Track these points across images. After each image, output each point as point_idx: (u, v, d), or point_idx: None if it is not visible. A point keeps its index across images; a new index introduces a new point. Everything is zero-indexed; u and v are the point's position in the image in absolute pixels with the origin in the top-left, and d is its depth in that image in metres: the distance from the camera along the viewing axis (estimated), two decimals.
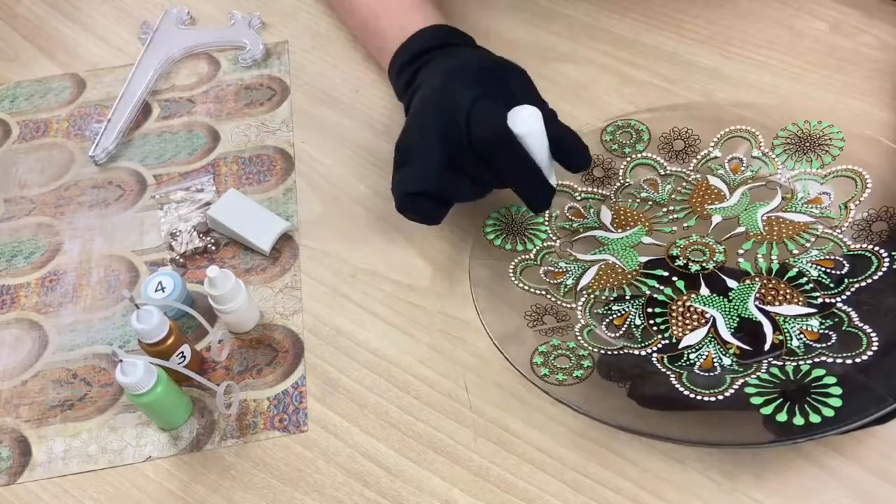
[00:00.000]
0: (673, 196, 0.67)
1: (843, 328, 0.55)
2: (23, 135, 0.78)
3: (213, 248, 0.69)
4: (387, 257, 0.67)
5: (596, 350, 0.57)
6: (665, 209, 0.66)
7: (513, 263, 0.63)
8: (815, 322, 0.56)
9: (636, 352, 0.57)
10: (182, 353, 0.60)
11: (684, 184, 0.67)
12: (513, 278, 0.62)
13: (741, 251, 0.62)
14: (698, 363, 0.55)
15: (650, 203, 0.67)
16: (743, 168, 0.67)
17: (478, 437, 0.57)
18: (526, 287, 0.61)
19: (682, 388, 0.53)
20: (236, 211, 0.68)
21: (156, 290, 0.63)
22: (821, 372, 0.52)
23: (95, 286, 0.68)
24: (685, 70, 0.75)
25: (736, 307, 0.58)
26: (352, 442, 0.58)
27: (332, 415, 0.59)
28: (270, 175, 0.73)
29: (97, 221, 0.71)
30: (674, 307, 0.59)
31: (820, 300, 0.57)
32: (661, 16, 0.80)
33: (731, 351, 0.56)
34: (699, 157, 0.68)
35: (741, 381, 0.53)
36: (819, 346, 0.54)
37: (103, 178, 0.74)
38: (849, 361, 0.52)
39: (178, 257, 0.68)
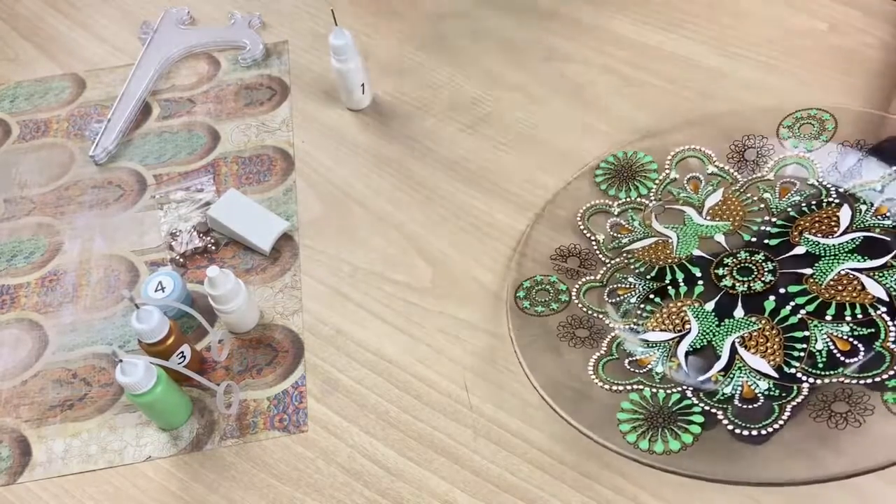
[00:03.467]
0: (788, 209, 0.63)
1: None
2: (23, 135, 0.78)
3: (213, 248, 0.68)
4: (387, 257, 0.67)
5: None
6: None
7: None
8: (763, 384, 0.54)
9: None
10: (182, 353, 0.60)
11: (814, 202, 0.63)
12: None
13: (783, 291, 0.58)
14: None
15: (762, 206, 0.64)
16: (888, 215, 0.61)
17: (478, 437, 0.57)
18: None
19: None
20: (236, 211, 0.68)
21: (156, 290, 0.63)
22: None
23: (95, 286, 0.68)
24: (685, 70, 0.75)
25: (714, 335, 0.57)
26: (352, 442, 0.58)
27: (332, 415, 0.59)
28: (270, 175, 0.73)
29: (97, 221, 0.71)
30: (671, 305, 0.59)
31: (794, 370, 0.54)
32: (661, 16, 0.80)
33: (670, 364, 0.56)
34: (772, 161, 0.66)
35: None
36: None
37: (103, 178, 0.74)
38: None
39: (178, 257, 0.68)
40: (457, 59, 0.79)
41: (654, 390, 0.55)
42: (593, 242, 0.65)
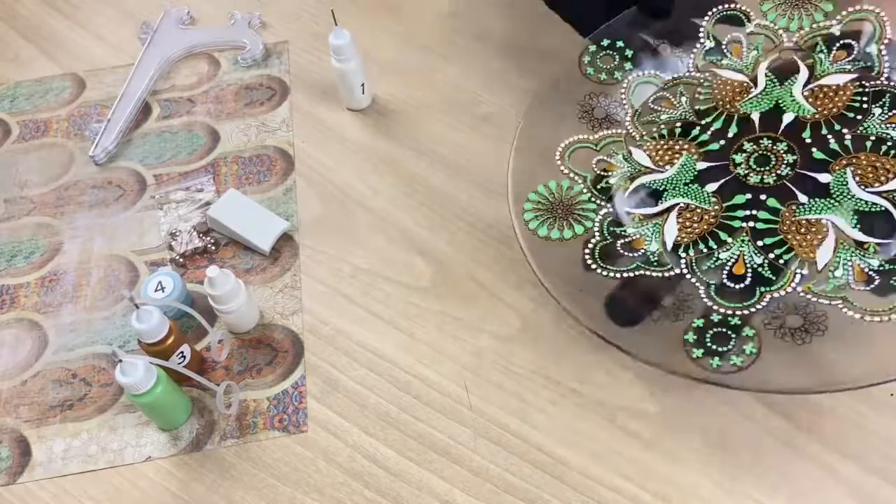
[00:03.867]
0: (696, 107, 0.60)
1: None
2: (23, 135, 0.78)
3: (213, 248, 0.69)
4: (387, 257, 0.67)
5: (742, 311, 0.50)
6: (698, 125, 0.59)
7: (587, 251, 0.55)
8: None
9: (780, 293, 0.51)
10: (182, 353, 0.60)
11: (698, 88, 0.60)
12: (596, 268, 0.54)
13: (808, 140, 0.55)
14: (851, 278, 0.50)
15: (679, 124, 0.60)
16: (746, 48, 0.60)
17: (478, 437, 0.57)
18: (618, 274, 0.53)
19: (860, 315, 0.48)
20: (236, 211, 0.68)
21: (156, 290, 0.63)
22: None
23: (95, 286, 0.68)
24: None
25: (843, 202, 0.52)
26: (352, 442, 0.58)
27: (332, 415, 0.59)
28: (270, 175, 0.73)
29: (97, 221, 0.71)
30: (784, 228, 0.53)
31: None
32: None
33: (871, 249, 0.51)
34: (693, 53, 0.61)
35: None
36: None
37: (103, 178, 0.74)
38: None
39: (178, 257, 0.68)
40: (457, 59, 0.79)
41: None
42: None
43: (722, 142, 0.58)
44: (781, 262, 0.52)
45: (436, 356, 0.61)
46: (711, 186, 0.56)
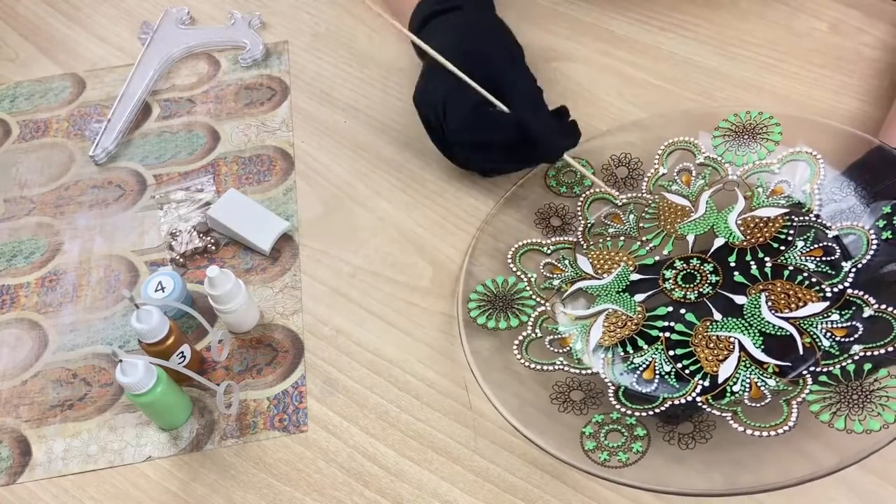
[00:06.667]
0: (640, 224, 0.65)
1: (864, 315, 0.54)
2: (23, 135, 0.78)
3: (213, 248, 0.68)
4: (387, 257, 0.67)
5: (641, 412, 0.54)
6: (639, 241, 0.64)
7: (516, 343, 0.59)
8: (835, 316, 0.54)
9: (680, 401, 0.54)
10: (182, 353, 0.60)
11: (646, 209, 0.65)
12: (521, 359, 0.58)
13: (732, 264, 0.60)
14: (746, 394, 0.53)
15: (622, 238, 0.64)
16: (694, 177, 0.65)
17: (478, 437, 0.57)
18: (539, 366, 0.58)
19: (745, 429, 0.51)
20: (236, 211, 0.68)
21: (156, 290, 0.63)
22: (869, 366, 0.51)
23: (95, 286, 0.68)
24: (685, 70, 0.75)
25: (753, 323, 0.56)
26: (352, 442, 0.58)
27: (332, 415, 0.59)
28: (270, 175, 0.73)
29: (97, 221, 0.71)
30: (696, 342, 0.56)
31: (829, 292, 0.56)
32: (661, 16, 0.80)
33: (769, 370, 0.54)
34: (647, 178, 0.67)
35: (799, 400, 0.51)
36: (850, 340, 0.53)
37: (103, 178, 0.74)
38: (891, 349, 0.51)
39: (178, 257, 0.68)
40: None
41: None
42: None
43: (657, 258, 0.62)
44: (687, 372, 0.55)
45: (436, 356, 0.61)
46: (639, 296, 0.60)
